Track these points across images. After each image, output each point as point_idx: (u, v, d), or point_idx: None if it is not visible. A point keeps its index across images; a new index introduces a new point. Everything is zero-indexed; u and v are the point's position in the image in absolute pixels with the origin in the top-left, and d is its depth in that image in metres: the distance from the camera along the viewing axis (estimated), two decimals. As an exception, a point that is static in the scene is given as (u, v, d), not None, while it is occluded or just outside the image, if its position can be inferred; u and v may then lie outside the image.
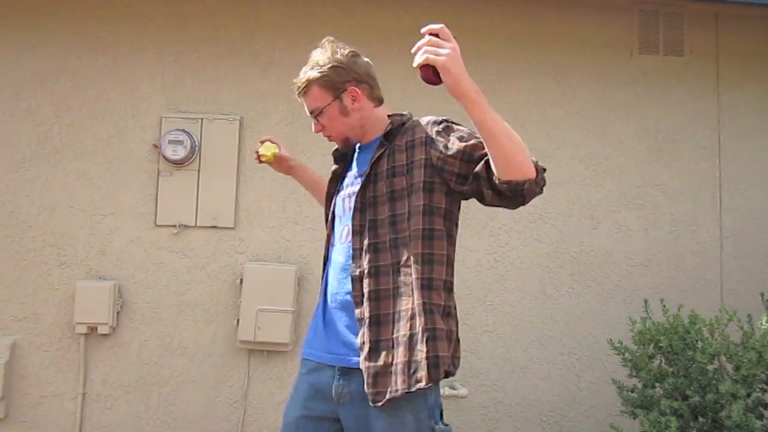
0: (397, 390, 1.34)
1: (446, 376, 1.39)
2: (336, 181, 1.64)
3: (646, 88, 3.05)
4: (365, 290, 1.43)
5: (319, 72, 1.52)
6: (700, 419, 2.13)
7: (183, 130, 2.71)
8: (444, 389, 2.68)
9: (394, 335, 1.40)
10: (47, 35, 2.77)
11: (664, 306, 2.34)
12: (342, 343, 1.46)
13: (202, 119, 2.77)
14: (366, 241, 1.46)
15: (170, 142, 2.68)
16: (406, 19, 2.93)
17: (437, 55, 1.27)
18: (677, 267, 2.98)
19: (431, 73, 1.32)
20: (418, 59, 1.30)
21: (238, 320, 2.67)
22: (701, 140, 3.07)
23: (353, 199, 1.51)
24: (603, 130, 3.01)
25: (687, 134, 3.06)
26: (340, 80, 1.52)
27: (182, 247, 2.73)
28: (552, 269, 2.91)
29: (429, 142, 1.45)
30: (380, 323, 1.41)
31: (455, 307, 1.48)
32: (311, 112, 1.56)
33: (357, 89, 1.53)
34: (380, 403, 1.35)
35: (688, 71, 3.09)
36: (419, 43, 1.30)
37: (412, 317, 1.38)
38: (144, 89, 2.79)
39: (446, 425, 1.42)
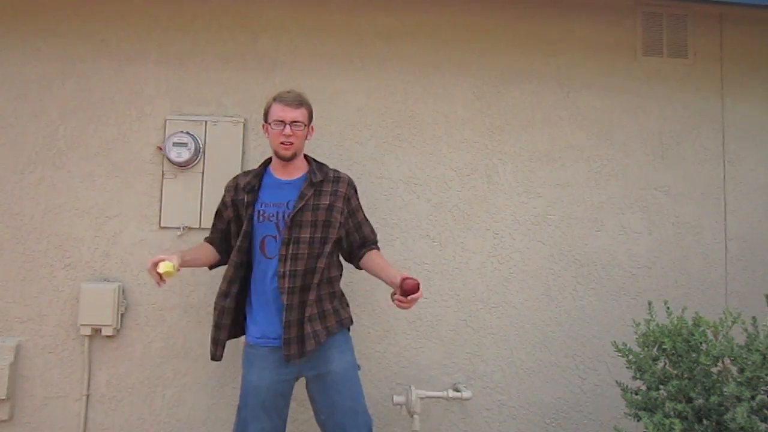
0: None
1: None
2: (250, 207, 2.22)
3: (649, 90, 3.05)
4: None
5: (307, 103, 2.27)
6: (705, 422, 2.12)
7: (187, 133, 2.72)
8: (448, 391, 2.68)
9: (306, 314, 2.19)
10: (52, 38, 2.79)
11: (668, 308, 2.33)
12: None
13: (206, 121, 2.78)
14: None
15: (174, 144, 2.69)
16: (410, 22, 2.94)
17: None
18: (681, 269, 2.98)
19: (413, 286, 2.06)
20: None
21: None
22: (705, 142, 3.06)
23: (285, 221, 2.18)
24: (607, 132, 3.01)
25: (691, 136, 3.06)
26: (311, 117, 2.30)
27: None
28: (556, 271, 2.91)
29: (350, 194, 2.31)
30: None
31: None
32: (293, 122, 2.18)
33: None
34: None
35: (692, 73, 3.09)
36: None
37: None
38: (148, 92, 2.80)
39: None
